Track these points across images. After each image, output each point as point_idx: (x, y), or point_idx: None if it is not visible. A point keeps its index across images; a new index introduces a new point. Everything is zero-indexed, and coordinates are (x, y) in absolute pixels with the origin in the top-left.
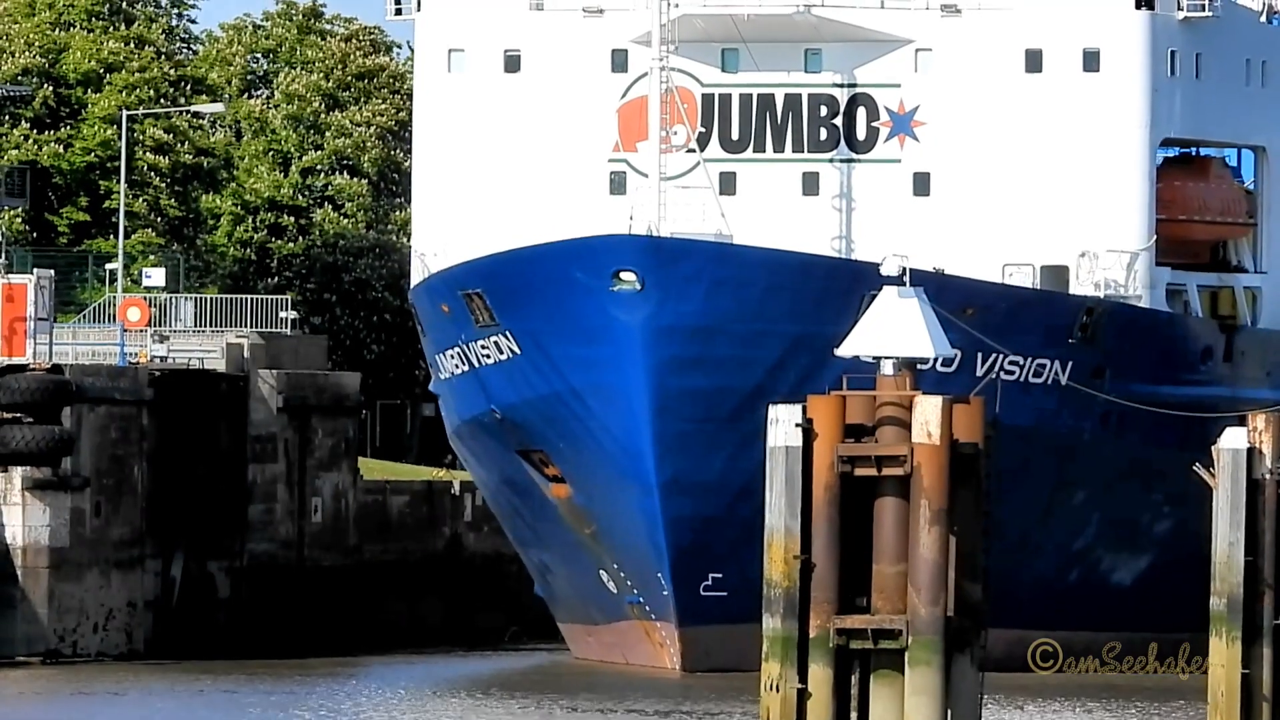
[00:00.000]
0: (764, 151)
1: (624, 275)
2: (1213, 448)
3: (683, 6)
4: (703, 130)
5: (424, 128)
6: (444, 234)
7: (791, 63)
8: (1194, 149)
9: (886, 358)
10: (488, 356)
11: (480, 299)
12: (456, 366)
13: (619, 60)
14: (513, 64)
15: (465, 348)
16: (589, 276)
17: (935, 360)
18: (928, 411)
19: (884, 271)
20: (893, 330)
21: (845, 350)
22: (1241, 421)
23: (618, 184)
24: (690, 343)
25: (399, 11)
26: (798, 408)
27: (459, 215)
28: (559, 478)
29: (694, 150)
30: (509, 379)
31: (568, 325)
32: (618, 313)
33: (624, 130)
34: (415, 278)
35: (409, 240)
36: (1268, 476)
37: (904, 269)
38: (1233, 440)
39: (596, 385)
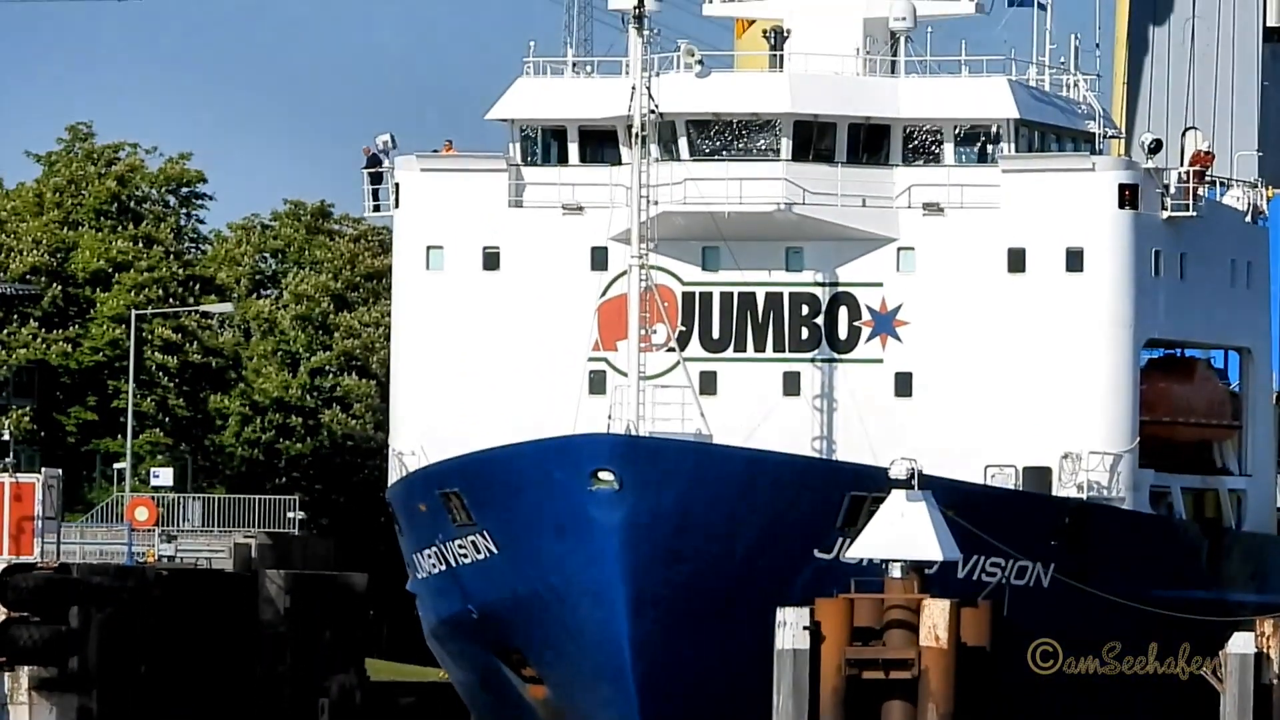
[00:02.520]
0: (745, 351)
1: (602, 474)
2: (1220, 652)
3: (663, 204)
4: (683, 329)
5: (402, 325)
6: (422, 432)
7: (773, 261)
8: (1179, 350)
9: (895, 561)
10: (465, 556)
11: (458, 498)
12: (434, 566)
13: (599, 258)
14: (492, 261)
15: (443, 547)
16: (567, 476)
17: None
18: (936, 615)
19: (893, 475)
20: (901, 534)
21: (855, 553)
22: (1238, 626)
23: (597, 383)
24: (668, 542)
25: (377, 208)
26: (805, 610)
27: (437, 414)
28: (536, 679)
29: (674, 349)
30: (486, 578)
31: (545, 524)
32: (595, 512)
33: (604, 329)
34: (393, 476)
35: None
36: (1276, 681)
37: (913, 472)
38: (1241, 645)
39: (574, 584)
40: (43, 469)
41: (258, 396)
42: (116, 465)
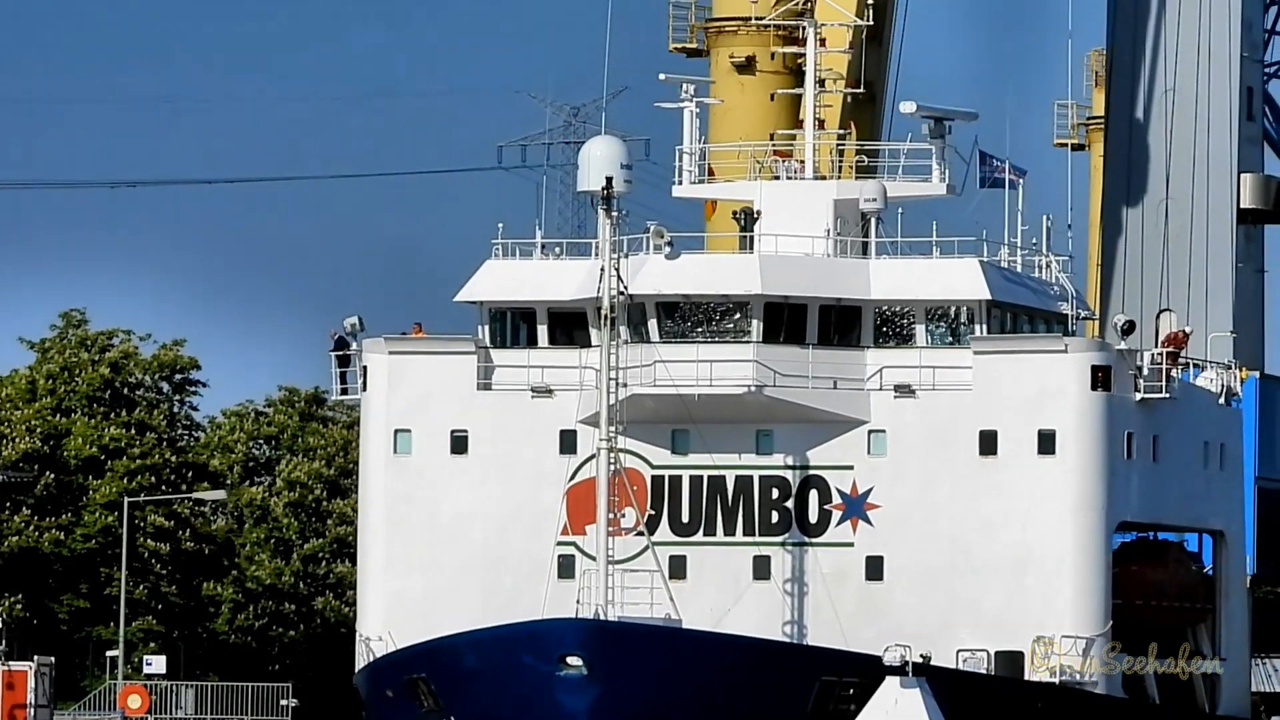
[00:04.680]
0: (714, 535)
1: (570, 659)
2: None
3: (632, 387)
4: (652, 513)
5: (370, 509)
6: (389, 617)
7: (743, 444)
8: (1152, 532)
9: None
10: None
11: (425, 684)
12: None
13: (567, 441)
14: (460, 445)
15: None
16: (535, 661)
17: None
18: None
19: (887, 661)
20: None
21: None
22: None
23: (566, 567)
24: None
25: (345, 391)
26: None
27: (404, 598)
28: None
29: (643, 533)
30: None
31: (514, 710)
32: (564, 697)
33: (572, 512)
34: (359, 662)
35: None
36: None
37: (905, 660)
38: None
39: None
40: (35, 656)
41: (250, 583)
42: (109, 653)
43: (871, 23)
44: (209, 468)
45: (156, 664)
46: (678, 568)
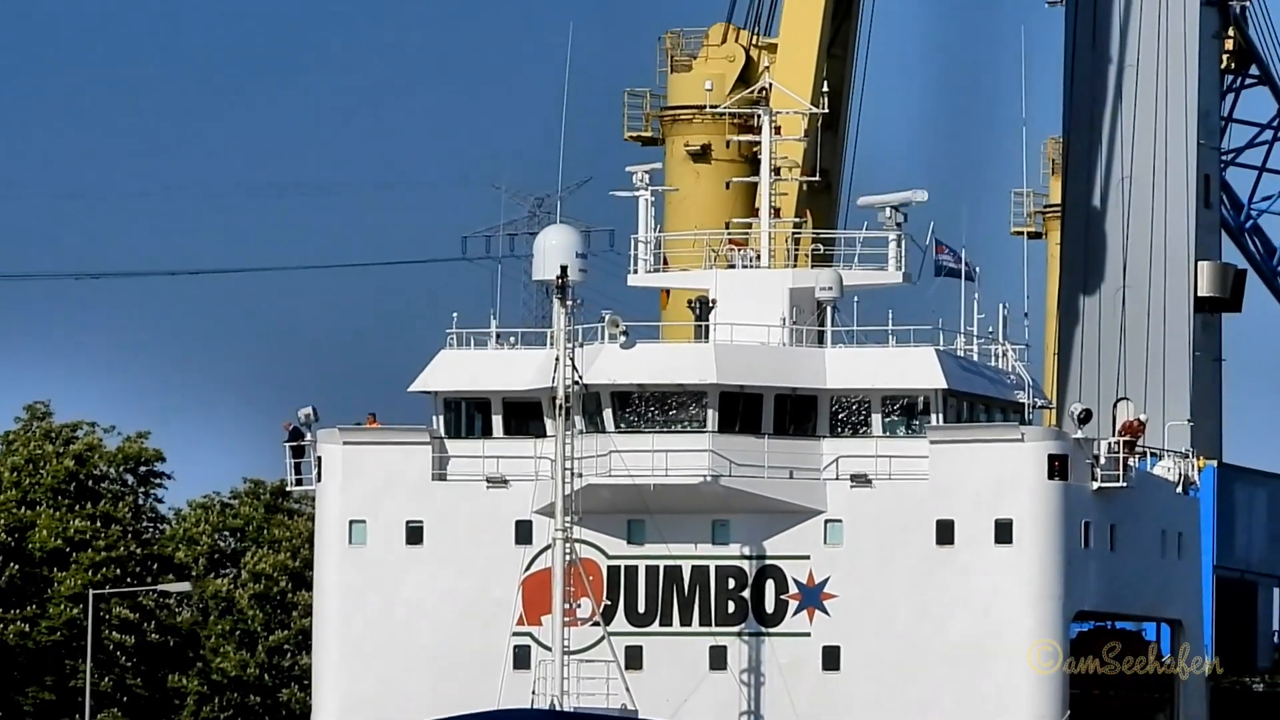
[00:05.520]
0: (671, 625)
1: None
2: None
3: (588, 477)
4: (608, 603)
5: (325, 601)
6: (344, 709)
7: (699, 534)
8: (1109, 622)
9: None
10: None
11: None
12: None
13: (523, 532)
14: (415, 535)
15: None
16: None
17: None
18: None
19: None
20: None
21: None
22: None
23: (521, 658)
24: None
25: (299, 482)
26: None
27: (360, 689)
28: None
29: (599, 624)
30: None
31: None
32: None
33: (528, 603)
34: None
35: None
36: None
37: None
38: None
39: None
40: None
41: (216, 675)
42: None
43: (827, 110)
44: (174, 560)
45: None
46: (634, 658)
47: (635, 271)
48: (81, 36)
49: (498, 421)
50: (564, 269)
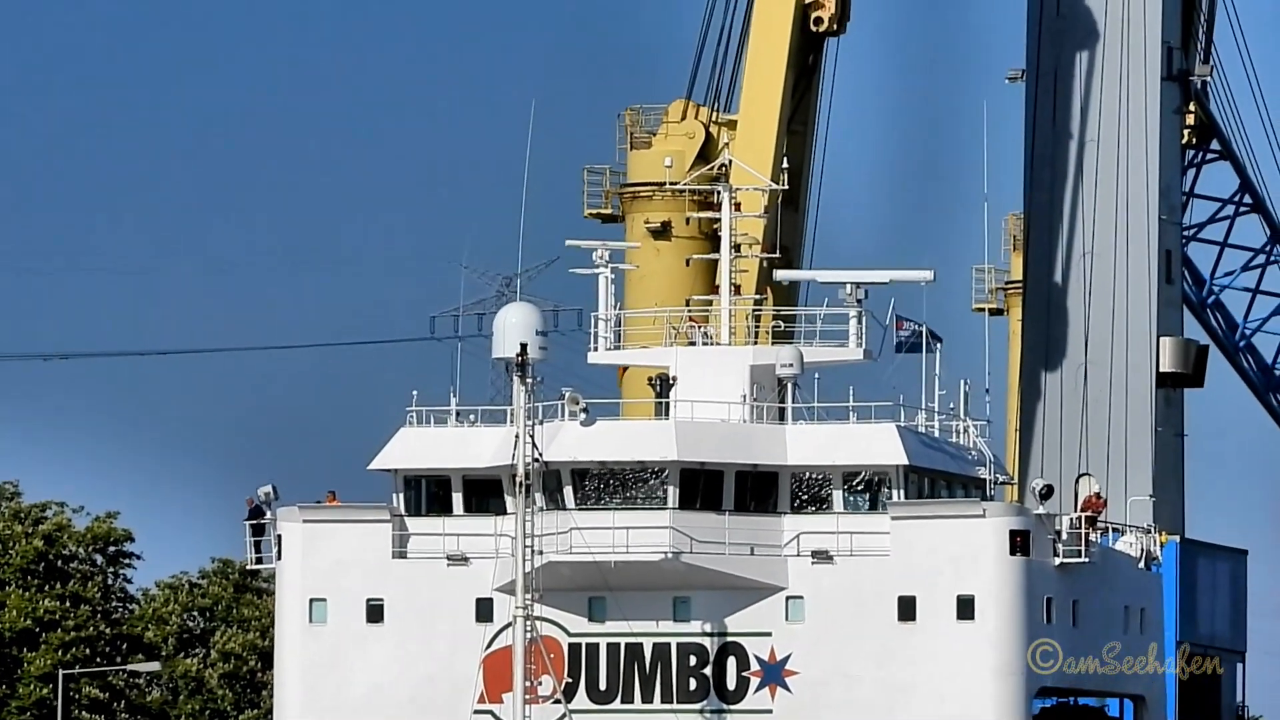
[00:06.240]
0: (632, 702)
1: None
2: None
3: (548, 554)
4: (570, 680)
5: (285, 679)
6: None
7: (660, 611)
8: (1072, 698)
9: None
10: None
11: None
12: None
13: (484, 609)
14: (375, 614)
15: None
16: None
17: None
18: None
19: None
20: None
21: None
22: None
23: None
24: None
25: (259, 560)
26: None
27: None
28: None
29: (560, 701)
30: None
31: None
32: None
33: (489, 680)
34: None
35: None
36: None
37: None
38: None
39: None
40: None
41: None
42: None
43: (787, 187)
44: (144, 639)
45: None
46: None
47: (595, 349)
48: (47, 125)
49: (458, 499)
50: (524, 346)
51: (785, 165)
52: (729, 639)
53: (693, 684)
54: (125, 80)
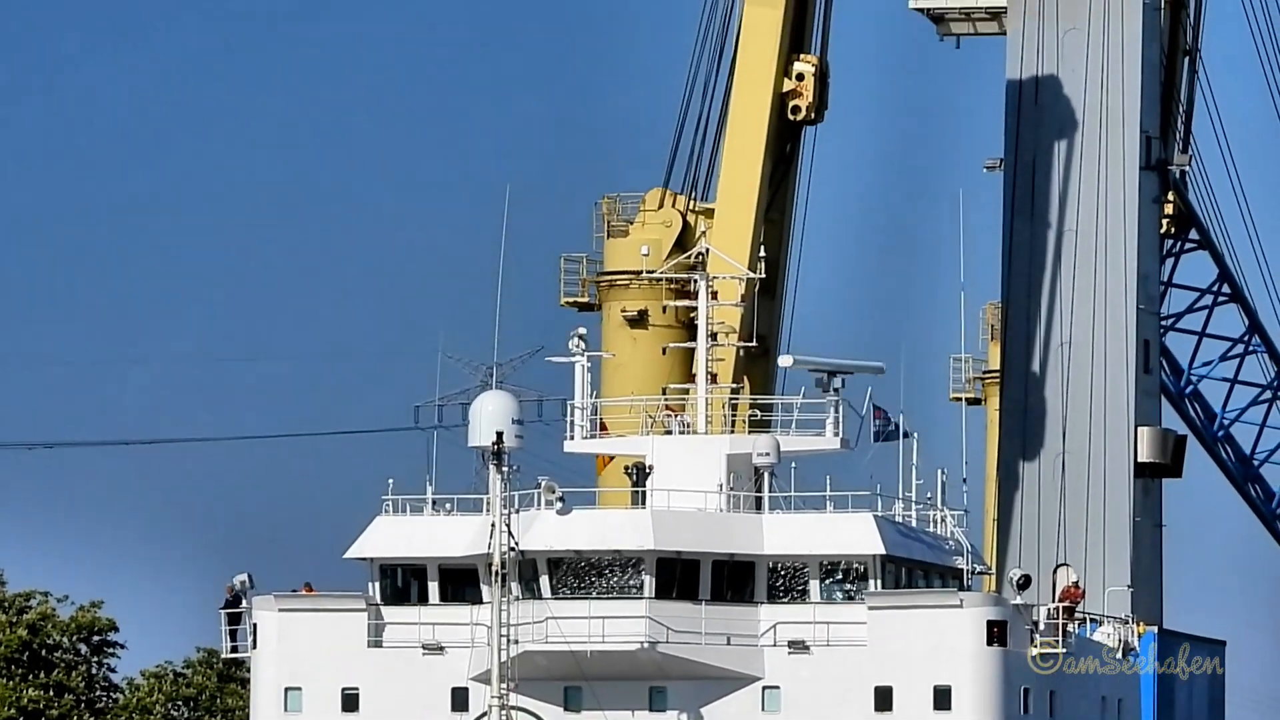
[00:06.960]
0: None
1: None
2: None
3: (524, 643)
4: None
5: None
6: None
7: (636, 700)
8: None
9: None
10: None
11: None
12: None
13: (459, 698)
14: (351, 703)
15: None
16: None
17: None
18: None
19: None
20: None
21: None
22: None
23: None
24: None
25: (235, 648)
26: None
27: None
28: None
29: None
30: None
31: None
32: None
33: None
34: None
35: None
36: None
37: None
38: None
39: None
40: None
41: None
42: None
43: (764, 276)
44: None
45: None
46: None
47: (572, 438)
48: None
49: (434, 588)
50: (500, 435)
51: (763, 253)
52: None
53: None
54: (80, 172)
